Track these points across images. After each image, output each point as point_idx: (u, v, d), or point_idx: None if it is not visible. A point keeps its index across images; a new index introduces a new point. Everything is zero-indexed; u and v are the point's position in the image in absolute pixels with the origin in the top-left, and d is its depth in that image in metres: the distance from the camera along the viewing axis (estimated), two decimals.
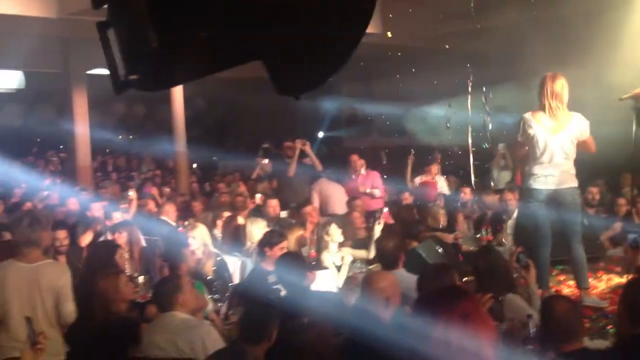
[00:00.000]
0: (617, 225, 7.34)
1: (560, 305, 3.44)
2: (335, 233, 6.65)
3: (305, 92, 1.88)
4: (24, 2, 9.27)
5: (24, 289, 4.23)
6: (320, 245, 6.70)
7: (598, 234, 7.25)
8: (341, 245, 6.74)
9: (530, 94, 5.89)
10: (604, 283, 6.10)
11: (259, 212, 7.90)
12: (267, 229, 6.30)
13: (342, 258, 6.47)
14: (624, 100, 5.90)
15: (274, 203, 7.91)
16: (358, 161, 9.60)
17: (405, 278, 4.66)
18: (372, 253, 6.63)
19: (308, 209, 7.64)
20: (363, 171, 9.57)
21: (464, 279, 5.06)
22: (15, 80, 15.38)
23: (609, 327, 4.69)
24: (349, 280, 6.13)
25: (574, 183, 5.50)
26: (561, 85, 5.29)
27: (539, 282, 5.62)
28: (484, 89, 10.78)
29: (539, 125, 5.34)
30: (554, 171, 5.39)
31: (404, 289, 4.07)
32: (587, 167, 6.14)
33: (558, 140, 5.34)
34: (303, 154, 9.49)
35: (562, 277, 6.12)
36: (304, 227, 7.01)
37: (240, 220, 7.52)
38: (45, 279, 4.25)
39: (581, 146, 5.47)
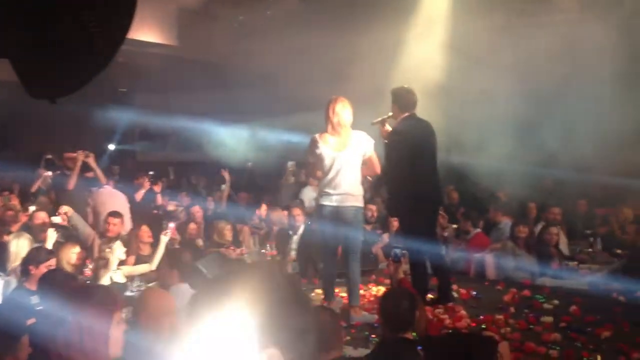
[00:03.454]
0: (386, 236, 8.05)
1: (321, 316, 3.55)
2: (118, 249, 6.36)
3: (61, 96, 1.75)
4: None
5: None
6: (99, 263, 6.34)
7: (372, 248, 7.85)
8: (123, 263, 6.45)
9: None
10: (373, 293, 6.49)
11: (29, 227, 7.24)
12: (34, 245, 5.80)
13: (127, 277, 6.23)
14: (375, 125, 6.03)
15: (41, 215, 7.25)
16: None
17: (185, 293, 4.55)
18: (154, 266, 6.43)
19: (113, 220, 6.89)
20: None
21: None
22: None
23: (373, 336, 4.94)
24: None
25: (358, 203, 5.62)
26: (342, 106, 5.55)
27: (324, 294, 5.84)
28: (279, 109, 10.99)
29: (325, 145, 5.56)
30: (338, 189, 5.55)
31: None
32: None
33: (343, 157, 5.54)
34: (86, 167, 8.90)
35: (336, 289, 6.38)
36: (80, 243, 6.56)
37: (7, 236, 6.85)
38: None
39: (366, 166, 5.67)
